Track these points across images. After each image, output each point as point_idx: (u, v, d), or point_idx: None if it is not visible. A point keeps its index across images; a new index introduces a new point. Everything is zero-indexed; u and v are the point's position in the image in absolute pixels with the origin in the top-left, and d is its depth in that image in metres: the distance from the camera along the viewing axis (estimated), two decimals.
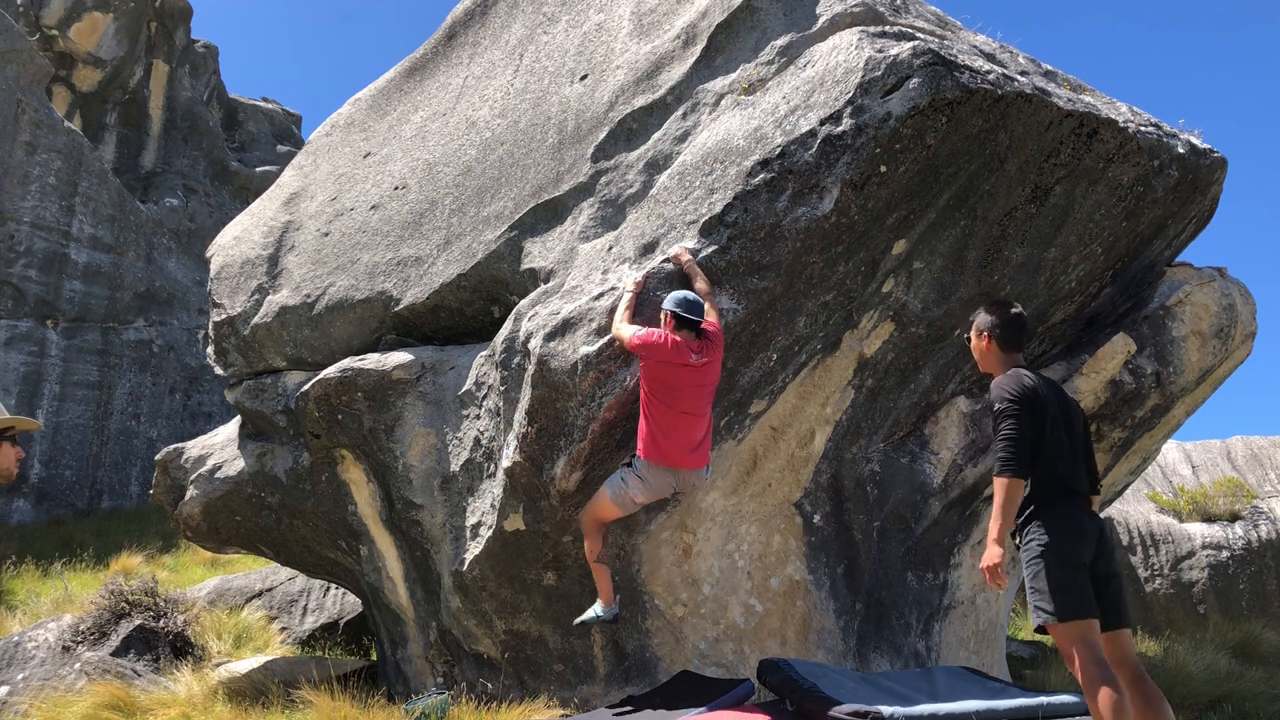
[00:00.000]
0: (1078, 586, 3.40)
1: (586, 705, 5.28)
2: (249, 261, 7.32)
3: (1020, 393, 3.60)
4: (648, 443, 4.54)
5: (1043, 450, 3.58)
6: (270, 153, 26.13)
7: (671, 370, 4.45)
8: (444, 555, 5.85)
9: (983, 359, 3.94)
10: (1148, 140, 5.36)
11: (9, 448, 3.33)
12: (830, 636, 5.46)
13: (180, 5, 23.14)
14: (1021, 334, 3.88)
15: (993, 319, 3.86)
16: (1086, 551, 3.47)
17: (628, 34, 6.04)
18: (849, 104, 4.72)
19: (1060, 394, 3.79)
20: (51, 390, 17.36)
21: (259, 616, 8.78)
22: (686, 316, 4.50)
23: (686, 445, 4.55)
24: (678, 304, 4.52)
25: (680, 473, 4.62)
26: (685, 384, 4.48)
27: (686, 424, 4.54)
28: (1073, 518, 3.50)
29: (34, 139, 17.58)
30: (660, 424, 4.51)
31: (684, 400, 4.51)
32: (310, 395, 6.28)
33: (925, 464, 5.87)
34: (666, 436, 4.51)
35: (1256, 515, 12.76)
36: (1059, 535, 3.45)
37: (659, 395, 4.50)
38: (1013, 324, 3.83)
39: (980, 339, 3.90)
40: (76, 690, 6.32)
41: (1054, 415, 3.63)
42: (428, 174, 6.71)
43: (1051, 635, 3.48)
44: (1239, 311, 6.33)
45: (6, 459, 3.32)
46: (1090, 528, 3.51)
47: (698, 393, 4.55)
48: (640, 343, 4.47)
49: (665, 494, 4.75)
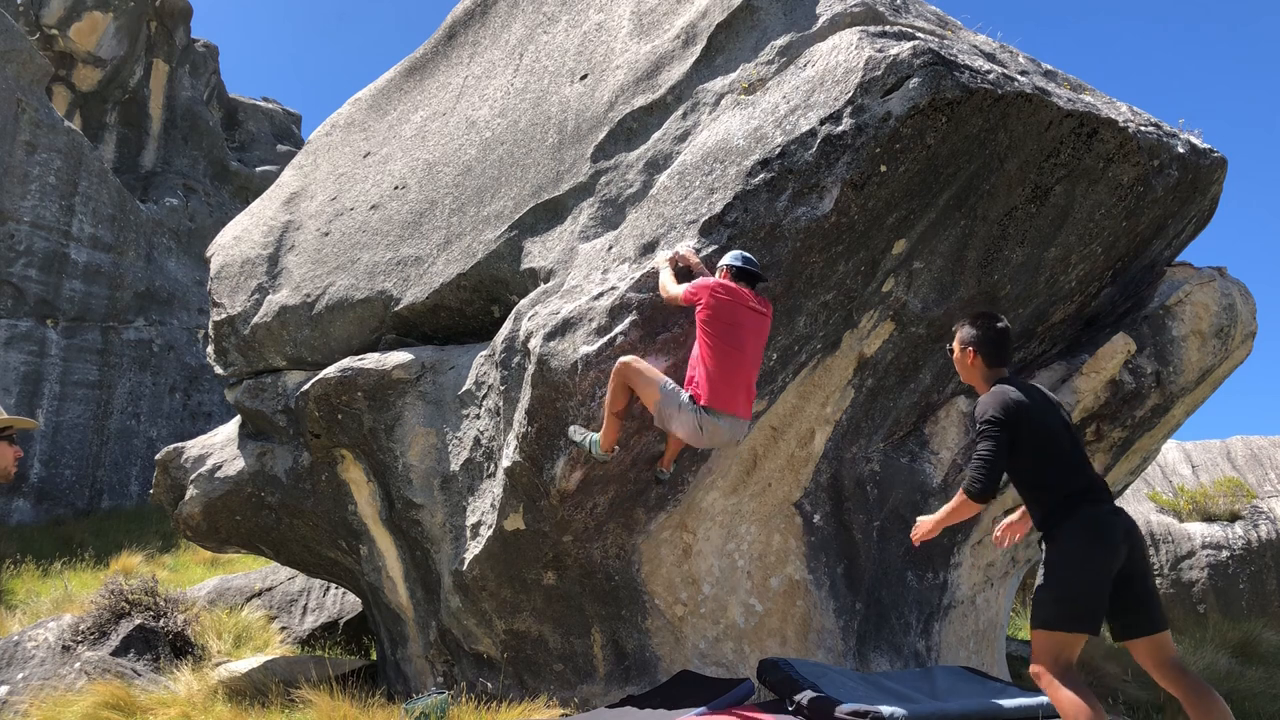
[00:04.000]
0: (1084, 599, 3.28)
1: (586, 705, 5.28)
2: (249, 261, 7.32)
3: (1003, 413, 3.46)
4: (711, 387, 4.32)
5: (1048, 462, 3.47)
6: (270, 152, 26.13)
7: (732, 309, 4.35)
8: (444, 555, 5.86)
9: (965, 373, 3.79)
10: (1148, 140, 5.36)
11: (6, 447, 3.33)
12: (830, 636, 5.47)
13: (180, 5, 23.14)
14: (1007, 349, 3.72)
15: (976, 332, 3.70)
16: (1113, 558, 3.31)
17: (628, 34, 6.04)
18: (849, 104, 4.72)
19: (1048, 399, 3.63)
20: (51, 390, 17.36)
21: (259, 616, 8.78)
22: (744, 268, 4.45)
23: (746, 393, 4.42)
24: (735, 258, 4.48)
25: (736, 421, 4.42)
26: (748, 326, 4.39)
27: (747, 370, 4.42)
28: (1096, 523, 3.34)
29: (34, 139, 17.58)
30: (723, 366, 4.33)
31: (747, 342, 4.40)
32: (310, 395, 6.28)
33: (925, 464, 5.87)
34: (728, 379, 4.34)
35: (1256, 515, 12.77)
36: (1080, 546, 3.31)
37: (723, 337, 4.34)
38: (998, 338, 3.68)
39: (964, 353, 3.74)
40: (76, 690, 6.32)
41: (1051, 425, 3.51)
42: (428, 174, 6.71)
43: (1033, 638, 3.42)
44: (1239, 311, 6.33)
45: (5, 458, 3.32)
46: (1117, 529, 3.34)
47: (757, 340, 4.47)
48: (698, 285, 4.40)
49: (705, 441, 4.46)
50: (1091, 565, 3.29)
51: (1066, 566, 3.31)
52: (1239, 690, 6.83)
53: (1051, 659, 3.31)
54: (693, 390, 4.39)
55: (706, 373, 4.34)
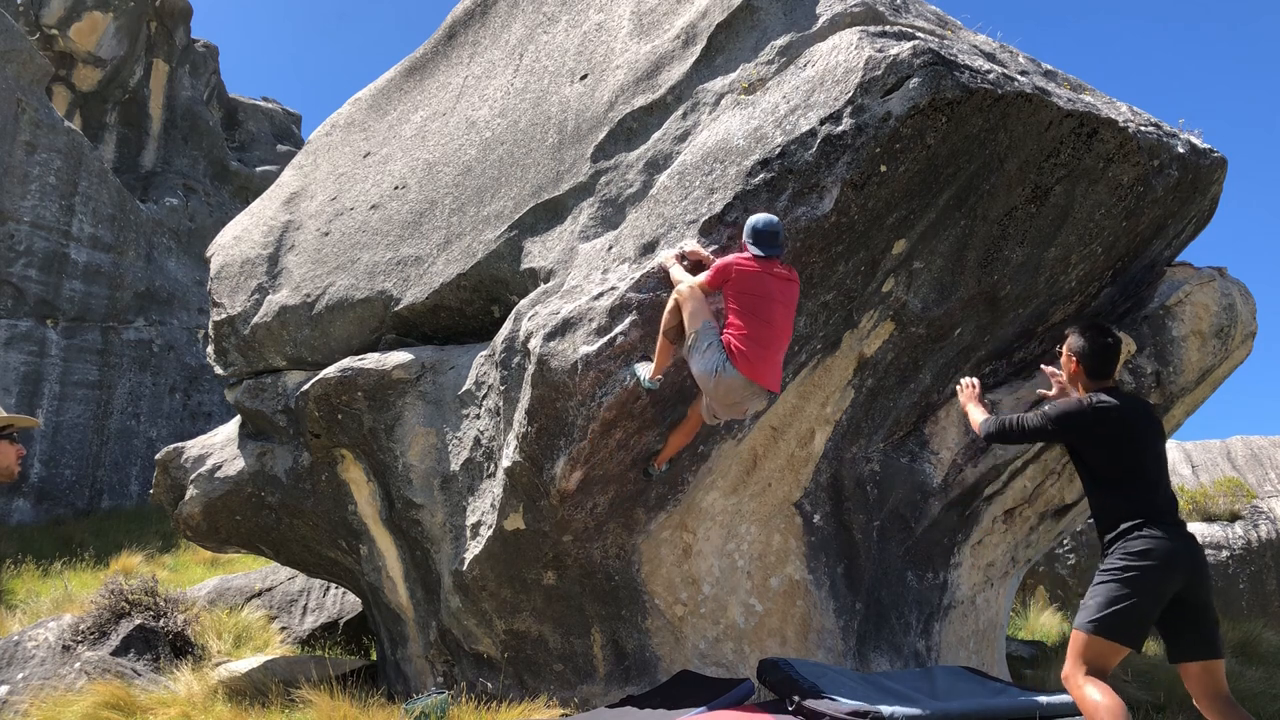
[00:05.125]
0: (1131, 615, 3.31)
1: (586, 705, 5.28)
2: (249, 261, 7.32)
3: (1059, 417, 3.65)
4: (738, 355, 4.29)
5: (1122, 475, 3.53)
6: (270, 152, 26.13)
7: (759, 279, 4.32)
8: (444, 555, 5.85)
9: (1069, 379, 3.91)
10: (1148, 140, 5.36)
11: (8, 445, 3.31)
12: (830, 636, 5.47)
13: (180, 5, 23.14)
14: (1111, 363, 3.81)
15: (1084, 344, 3.81)
16: (1169, 582, 3.34)
17: (628, 34, 6.04)
18: (849, 104, 4.72)
19: (1145, 417, 3.68)
20: (51, 390, 17.36)
21: (259, 616, 8.78)
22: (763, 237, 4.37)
23: (772, 365, 4.38)
24: (752, 232, 4.41)
25: (758, 391, 4.39)
26: (777, 296, 4.35)
27: (775, 338, 4.37)
28: (1159, 544, 3.35)
29: (34, 139, 17.58)
30: (754, 335, 4.30)
31: (776, 313, 4.35)
32: (310, 395, 6.28)
33: (925, 464, 5.87)
34: (754, 348, 4.29)
35: (1256, 515, 12.76)
36: (1138, 562, 3.34)
37: (752, 309, 4.32)
38: (1102, 352, 3.78)
39: (1069, 360, 3.87)
40: (76, 690, 6.32)
41: (1134, 440, 3.57)
42: (428, 173, 6.71)
43: (1072, 639, 3.43)
44: (1239, 311, 6.32)
45: (7, 456, 3.31)
46: (1180, 554, 3.37)
47: (787, 309, 4.41)
48: (720, 264, 4.38)
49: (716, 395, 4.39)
50: (1145, 583, 3.32)
51: (1121, 578, 3.35)
52: (1239, 690, 6.83)
53: (1085, 664, 3.33)
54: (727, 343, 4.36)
55: (739, 340, 4.32)
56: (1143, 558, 3.33)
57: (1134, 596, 3.31)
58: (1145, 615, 3.35)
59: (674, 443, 4.95)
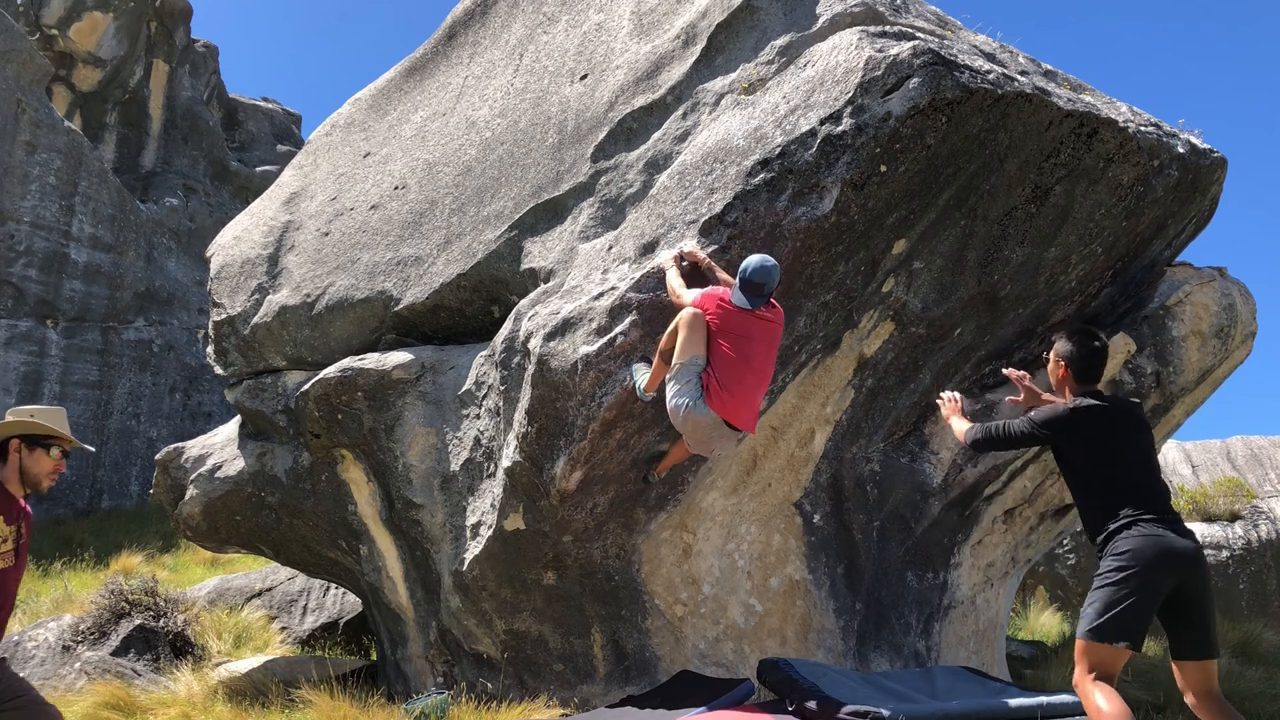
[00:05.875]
0: (1128, 616, 3.31)
1: (586, 705, 5.28)
2: (249, 261, 7.32)
3: (1046, 423, 3.65)
4: (715, 392, 4.29)
5: (1112, 476, 3.54)
6: (270, 152, 26.13)
7: (741, 320, 4.31)
8: (444, 555, 5.85)
9: (1055, 383, 3.92)
10: (1148, 140, 5.36)
11: (44, 455, 3.32)
12: (830, 636, 5.47)
13: (180, 5, 23.14)
14: (1099, 367, 3.82)
15: (1072, 349, 3.81)
16: (1165, 580, 3.34)
17: (628, 34, 6.04)
18: (849, 104, 4.72)
19: (1127, 416, 3.69)
20: (51, 390, 17.35)
21: (259, 616, 8.78)
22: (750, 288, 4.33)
23: (747, 405, 4.37)
24: (741, 279, 4.38)
25: (728, 432, 4.38)
26: (757, 335, 4.34)
27: (753, 379, 4.37)
28: (1153, 542, 3.36)
29: (34, 139, 17.58)
30: (727, 376, 4.29)
31: (755, 353, 4.34)
32: (310, 395, 6.28)
33: (925, 464, 5.87)
34: (730, 388, 4.29)
35: (1256, 515, 12.76)
36: (1132, 562, 3.34)
37: (734, 347, 4.32)
38: (1091, 357, 3.79)
39: (1056, 365, 3.87)
40: (76, 690, 6.32)
41: (1121, 442, 3.58)
42: (428, 174, 6.71)
43: (1076, 647, 3.43)
44: (1239, 311, 6.32)
45: (42, 467, 3.31)
46: (1174, 549, 3.37)
47: (767, 348, 4.41)
48: (705, 295, 4.37)
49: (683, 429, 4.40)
50: (1140, 581, 3.32)
51: (1114, 580, 3.35)
52: (1239, 690, 6.82)
53: (1091, 670, 3.34)
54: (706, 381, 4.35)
55: (713, 379, 4.31)
56: (1133, 556, 3.34)
57: (1129, 597, 3.31)
58: (1142, 613, 3.34)
59: (675, 454, 4.95)
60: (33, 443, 3.30)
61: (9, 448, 3.28)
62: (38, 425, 3.31)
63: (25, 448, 3.29)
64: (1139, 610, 3.33)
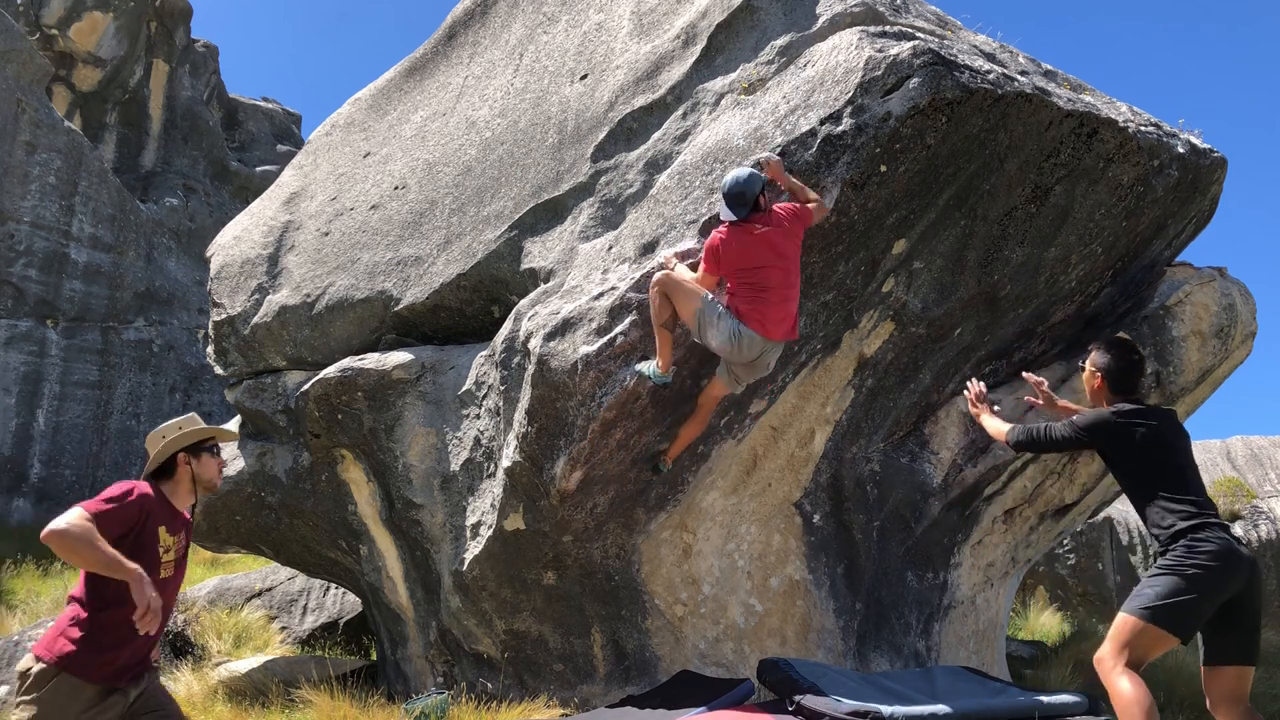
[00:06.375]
0: (1189, 609, 3.34)
1: (586, 705, 5.28)
2: (249, 261, 7.32)
3: (1086, 427, 3.70)
4: (746, 317, 4.35)
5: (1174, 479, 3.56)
6: (270, 152, 26.12)
7: (740, 250, 4.33)
8: (444, 555, 5.85)
9: (1092, 395, 3.94)
10: (1148, 140, 5.36)
11: (211, 459, 3.46)
12: (830, 636, 5.47)
13: (180, 5, 23.14)
14: (1136, 379, 3.84)
15: (1109, 360, 3.83)
16: (1229, 586, 3.37)
17: (628, 34, 6.04)
18: (849, 104, 4.72)
19: (1171, 423, 3.73)
20: (51, 390, 17.36)
21: (259, 616, 8.78)
22: (731, 200, 4.36)
23: (776, 314, 4.38)
24: (725, 200, 4.40)
25: (769, 344, 4.42)
26: (762, 257, 4.33)
27: (777, 290, 4.37)
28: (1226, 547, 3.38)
29: (34, 139, 17.58)
30: (755, 299, 4.34)
31: (770, 276, 4.35)
32: (310, 395, 6.28)
33: (925, 464, 5.87)
34: (762, 307, 4.34)
35: (1256, 515, 12.77)
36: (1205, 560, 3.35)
37: (746, 282, 4.36)
38: (1127, 369, 3.81)
39: (1093, 376, 3.89)
40: None
41: (1169, 441, 3.62)
42: (428, 174, 6.71)
43: (1119, 624, 3.42)
44: (1239, 311, 6.32)
45: (210, 470, 3.45)
46: (1245, 560, 3.40)
47: (780, 261, 4.37)
48: (706, 251, 4.43)
49: (741, 358, 4.44)
50: (1208, 582, 3.35)
51: (1185, 573, 3.36)
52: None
53: (1126, 649, 3.34)
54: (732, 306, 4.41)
55: (740, 308, 4.38)
56: (1210, 558, 3.35)
57: (1194, 592, 3.33)
58: (1200, 613, 3.38)
59: (686, 434, 4.92)
60: (195, 450, 3.43)
61: (176, 462, 3.41)
62: (194, 433, 3.44)
63: (192, 457, 3.42)
64: (1201, 609, 3.36)
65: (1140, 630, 3.35)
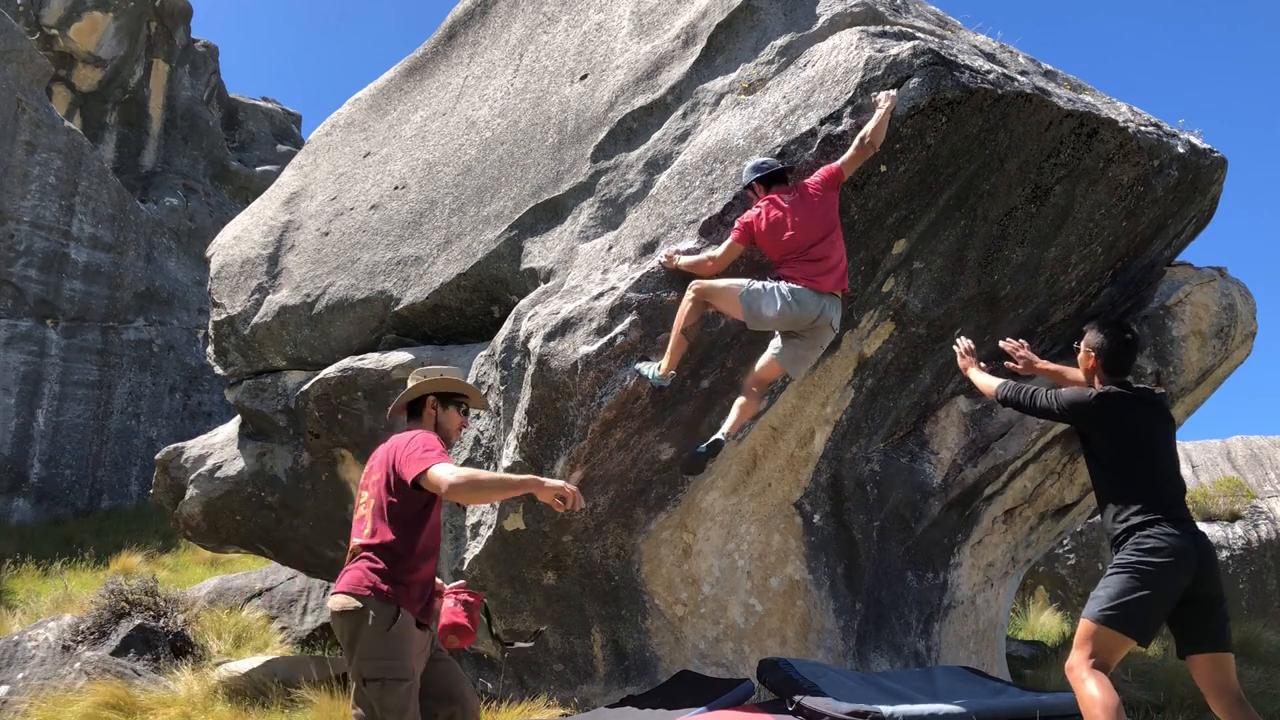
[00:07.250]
0: (1141, 607, 3.32)
1: (586, 705, 5.28)
2: (249, 261, 7.32)
3: (1067, 403, 3.69)
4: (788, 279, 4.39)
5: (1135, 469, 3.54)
6: (270, 152, 26.12)
7: (774, 229, 4.42)
8: (444, 555, 5.86)
9: (1085, 374, 3.93)
10: (1148, 140, 5.37)
11: (455, 414, 3.45)
12: (830, 636, 5.47)
13: (180, 5, 23.13)
14: (1129, 360, 3.82)
15: (1103, 339, 3.81)
16: (1181, 579, 3.36)
17: (628, 34, 6.04)
18: (849, 104, 4.72)
19: (1153, 408, 3.72)
20: (51, 390, 17.35)
21: (259, 616, 8.78)
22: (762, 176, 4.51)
23: (824, 270, 4.40)
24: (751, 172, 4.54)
25: (824, 297, 4.42)
26: (790, 226, 4.39)
27: (818, 254, 4.40)
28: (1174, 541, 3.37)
29: (34, 138, 17.57)
30: (794, 266, 4.39)
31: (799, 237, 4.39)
32: (310, 395, 6.28)
33: (925, 464, 5.88)
34: (806, 266, 4.38)
35: (1256, 515, 12.77)
36: (1153, 557, 3.35)
37: (783, 255, 4.42)
38: (1121, 350, 3.78)
39: (1087, 355, 3.88)
40: (76, 690, 6.31)
41: (1144, 435, 3.59)
42: (428, 174, 6.71)
43: (1080, 629, 3.43)
44: (1239, 311, 6.32)
45: (454, 423, 3.45)
46: (1194, 553, 3.38)
47: (809, 221, 4.41)
48: (742, 224, 4.51)
49: (803, 321, 4.42)
50: (1158, 579, 3.33)
51: (1134, 572, 3.36)
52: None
53: (1090, 655, 3.34)
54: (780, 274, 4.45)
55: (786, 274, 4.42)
56: (1156, 554, 3.34)
57: (1146, 590, 3.32)
58: (1156, 611, 3.36)
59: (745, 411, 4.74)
60: (446, 400, 3.42)
61: (425, 404, 3.40)
62: (453, 383, 3.42)
63: (440, 405, 3.41)
64: (1155, 607, 3.34)
65: (1096, 634, 3.34)
